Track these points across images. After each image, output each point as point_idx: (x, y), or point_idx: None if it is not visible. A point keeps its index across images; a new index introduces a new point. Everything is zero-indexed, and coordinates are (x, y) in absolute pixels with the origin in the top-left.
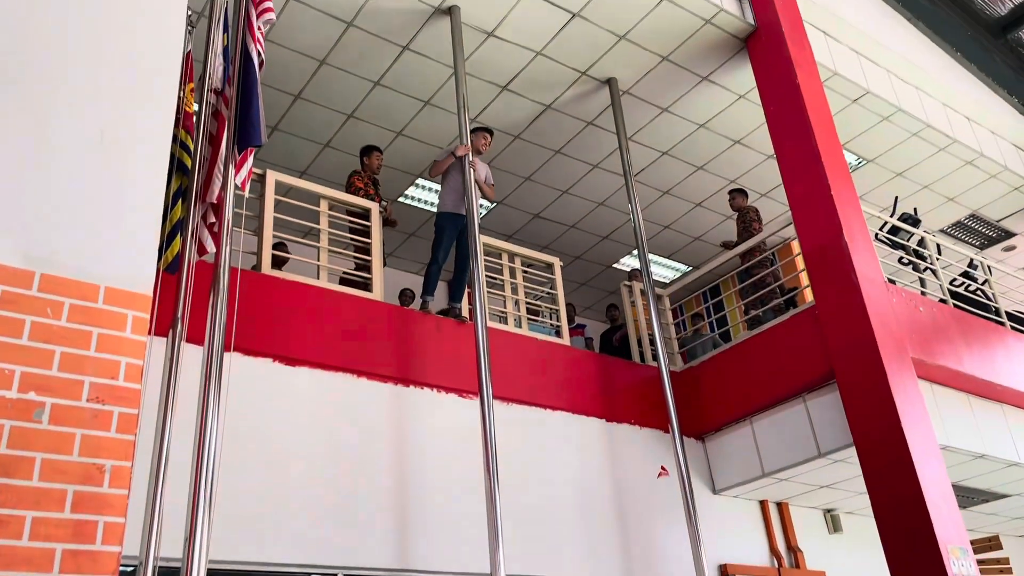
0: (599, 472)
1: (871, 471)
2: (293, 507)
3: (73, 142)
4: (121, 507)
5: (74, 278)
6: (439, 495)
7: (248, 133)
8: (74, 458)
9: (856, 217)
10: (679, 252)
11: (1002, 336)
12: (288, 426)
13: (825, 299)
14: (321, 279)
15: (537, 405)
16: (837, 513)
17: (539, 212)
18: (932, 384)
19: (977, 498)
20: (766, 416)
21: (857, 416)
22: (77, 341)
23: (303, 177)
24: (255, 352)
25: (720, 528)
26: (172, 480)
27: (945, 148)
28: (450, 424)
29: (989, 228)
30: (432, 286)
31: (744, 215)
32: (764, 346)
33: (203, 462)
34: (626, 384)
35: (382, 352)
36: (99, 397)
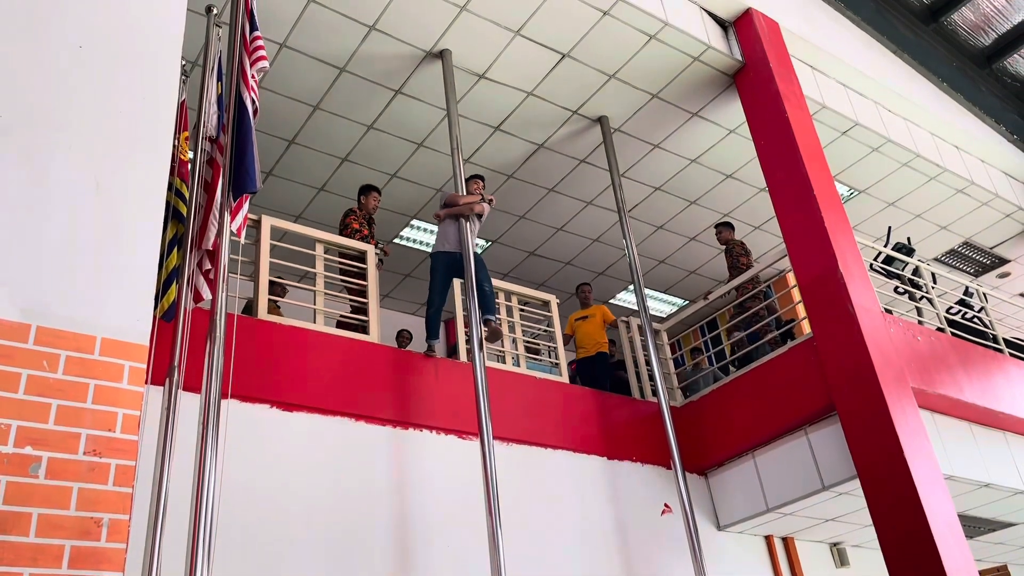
0: (601, 511)
1: (876, 503)
2: (293, 553)
3: (68, 192)
4: (119, 561)
5: (70, 330)
6: (440, 537)
7: (243, 180)
8: (71, 512)
9: (850, 248)
10: (675, 286)
11: (1001, 363)
12: (287, 472)
13: (823, 330)
14: (318, 323)
15: (537, 444)
16: (844, 546)
17: (534, 250)
18: (933, 413)
19: (984, 528)
20: (768, 450)
21: (859, 448)
22: (74, 394)
23: (298, 221)
24: (252, 398)
25: (726, 565)
26: (170, 529)
27: (936, 177)
28: (450, 466)
29: (983, 255)
30: (435, 330)
31: (731, 249)
32: (763, 379)
33: (201, 510)
34: (626, 421)
35: (380, 395)
36: (96, 450)
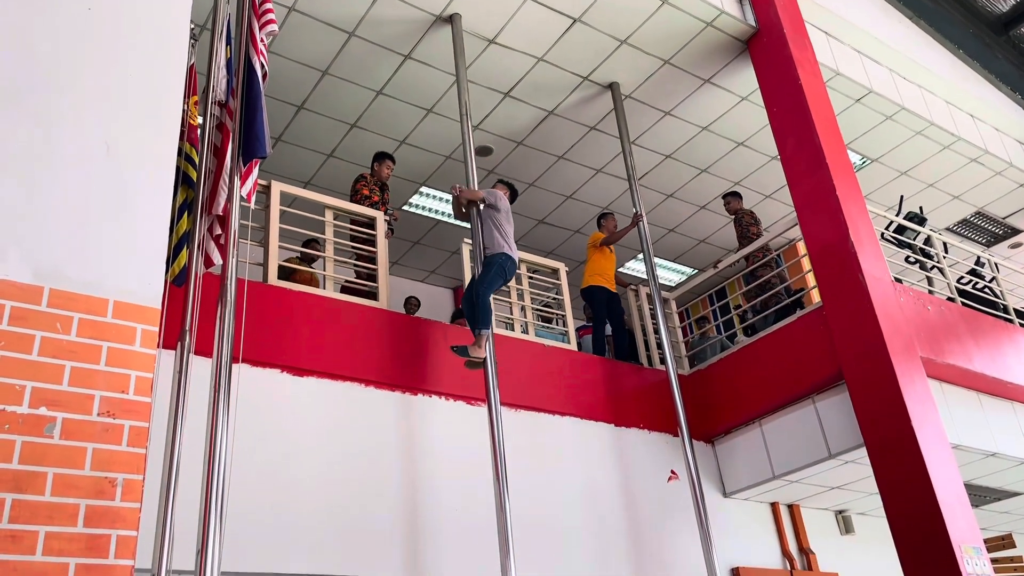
0: (608, 477)
1: (882, 471)
2: (303, 516)
3: (78, 155)
4: (133, 520)
5: (83, 293)
6: (448, 502)
7: (253, 144)
8: (86, 472)
9: (862, 217)
10: (684, 255)
11: (1011, 333)
12: (297, 436)
13: (832, 299)
14: (327, 289)
15: (545, 411)
16: (849, 514)
17: (543, 218)
18: (942, 383)
19: (990, 497)
20: (775, 418)
21: (867, 416)
22: (87, 356)
23: (307, 187)
24: (263, 363)
25: (731, 531)
26: (183, 492)
27: (949, 146)
28: (459, 431)
29: (995, 225)
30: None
31: (740, 218)
32: (772, 348)
33: (214, 473)
34: (634, 388)
35: (389, 360)
36: (110, 411)
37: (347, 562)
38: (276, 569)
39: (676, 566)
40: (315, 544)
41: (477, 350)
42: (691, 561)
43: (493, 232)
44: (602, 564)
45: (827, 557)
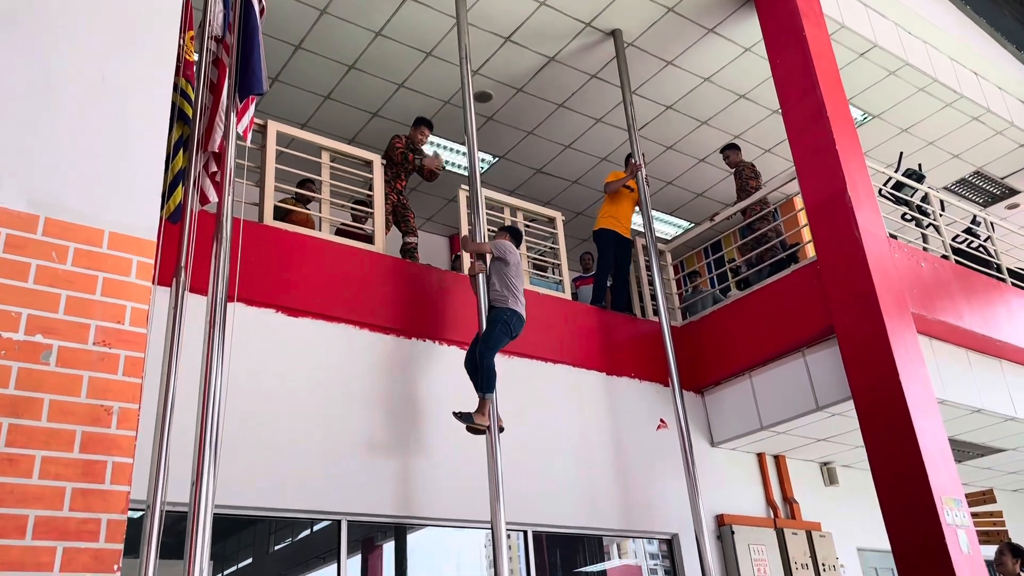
0: (599, 425)
1: (868, 424)
2: (297, 454)
3: (74, 86)
4: (129, 448)
5: (78, 223)
6: (441, 445)
7: (249, 81)
8: (82, 400)
9: (860, 172)
10: (681, 208)
11: (1003, 292)
12: (291, 375)
13: (827, 254)
14: (323, 231)
15: (538, 358)
16: (834, 466)
17: (541, 167)
18: (931, 339)
19: (973, 452)
20: (765, 370)
21: (856, 370)
22: (82, 285)
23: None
24: (258, 302)
25: (717, 480)
26: (178, 428)
27: (952, 104)
28: (452, 376)
29: (993, 185)
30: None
31: (740, 171)
32: (765, 301)
33: (208, 410)
34: (627, 338)
35: (385, 304)
36: (105, 341)
37: (340, 500)
38: (270, 504)
39: (663, 512)
40: (308, 482)
41: (481, 417)
42: (677, 507)
43: (501, 285)
44: (591, 510)
45: (810, 507)
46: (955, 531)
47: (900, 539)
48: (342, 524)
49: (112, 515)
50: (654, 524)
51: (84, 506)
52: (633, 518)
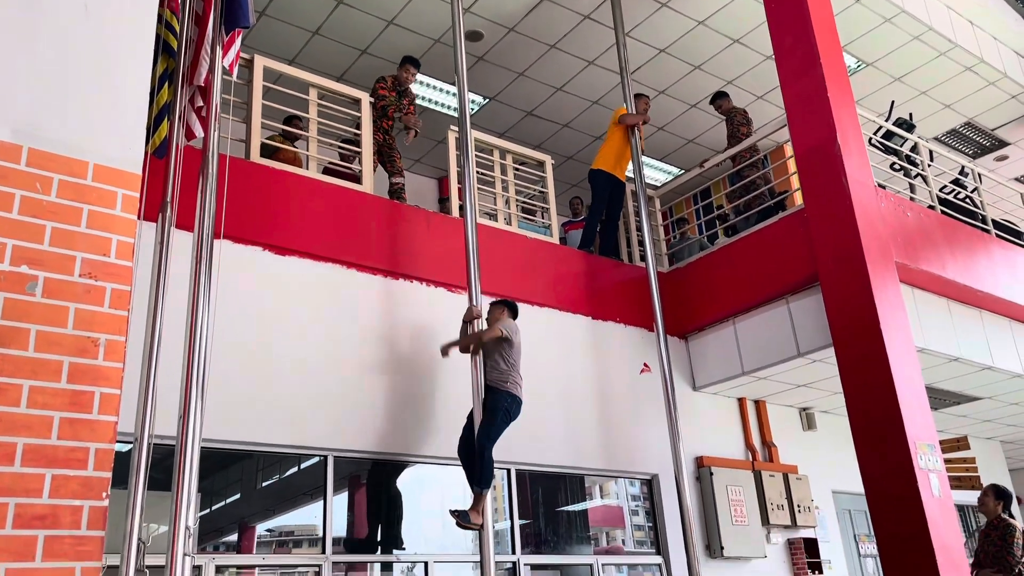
0: (583, 367)
1: (847, 370)
2: (284, 391)
3: (58, 15)
4: (116, 379)
5: (62, 154)
6: (426, 385)
7: (235, 13)
8: (68, 331)
9: (851, 121)
10: (672, 155)
11: (986, 244)
12: (279, 313)
13: (814, 202)
14: (311, 170)
15: (525, 302)
16: (812, 411)
17: (532, 110)
18: (913, 288)
19: (950, 400)
20: (749, 317)
21: (838, 317)
22: (67, 217)
23: (292, 65)
24: (245, 240)
25: (698, 423)
26: (165, 362)
27: (946, 53)
28: (439, 317)
29: (983, 137)
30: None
31: (732, 117)
32: (751, 248)
33: (195, 345)
34: (613, 283)
35: (372, 244)
36: (91, 273)
37: (325, 436)
38: (256, 439)
39: (644, 454)
40: (294, 417)
41: (476, 516)
42: (659, 450)
43: (501, 364)
44: (573, 450)
45: (788, 451)
46: (927, 475)
47: (873, 482)
48: (328, 460)
49: (100, 444)
50: (635, 465)
51: (72, 435)
52: (614, 458)
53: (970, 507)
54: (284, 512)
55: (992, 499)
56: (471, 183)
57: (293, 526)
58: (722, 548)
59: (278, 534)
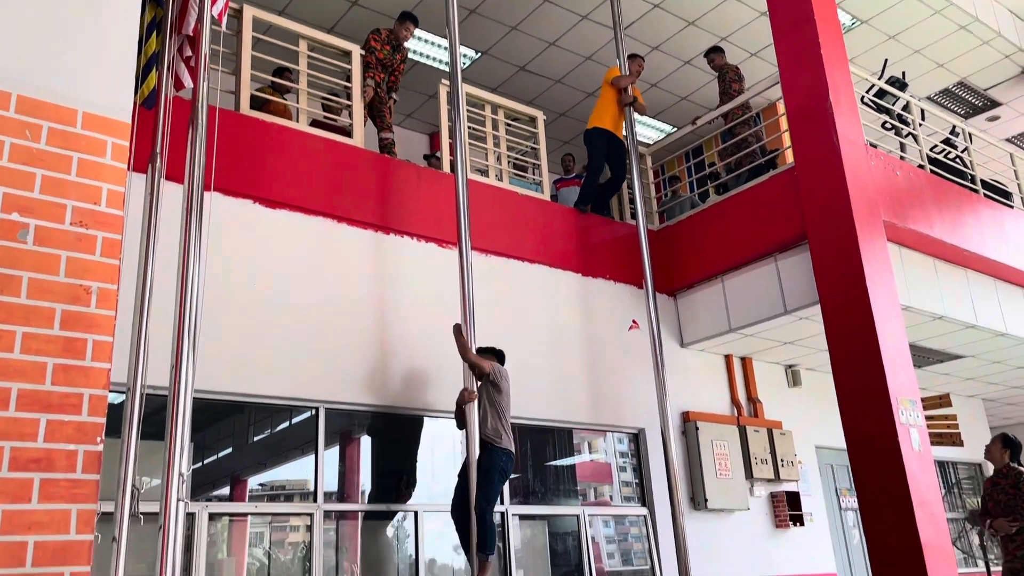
0: (573, 323)
1: (833, 327)
2: (274, 343)
3: None
4: (109, 327)
5: (51, 101)
6: (416, 338)
7: None
8: (61, 279)
9: (844, 78)
10: (665, 112)
11: (974, 204)
12: (269, 266)
13: (805, 160)
14: (301, 122)
15: (515, 257)
16: (798, 368)
17: (524, 65)
18: (901, 247)
19: (933, 358)
20: (737, 274)
21: (825, 275)
22: (58, 165)
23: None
24: (235, 192)
25: (685, 379)
26: (157, 314)
27: (941, 11)
28: (429, 272)
29: (976, 97)
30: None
31: (724, 74)
32: (741, 206)
33: (187, 296)
34: (604, 240)
35: (363, 198)
36: (82, 221)
37: (316, 388)
38: (247, 391)
39: (631, 409)
40: (286, 371)
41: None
42: (645, 405)
43: (491, 418)
44: (562, 404)
45: (773, 407)
46: (908, 430)
47: (855, 436)
48: (319, 412)
49: (94, 390)
50: (622, 419)
51: (66, 381)
52: (602, 413)
53: (950, 462)
54: (276, 466)
55: (999, 448)
56: (462, 138)
57: (285, 480)
58: (706, 500)
59: (270, 487)
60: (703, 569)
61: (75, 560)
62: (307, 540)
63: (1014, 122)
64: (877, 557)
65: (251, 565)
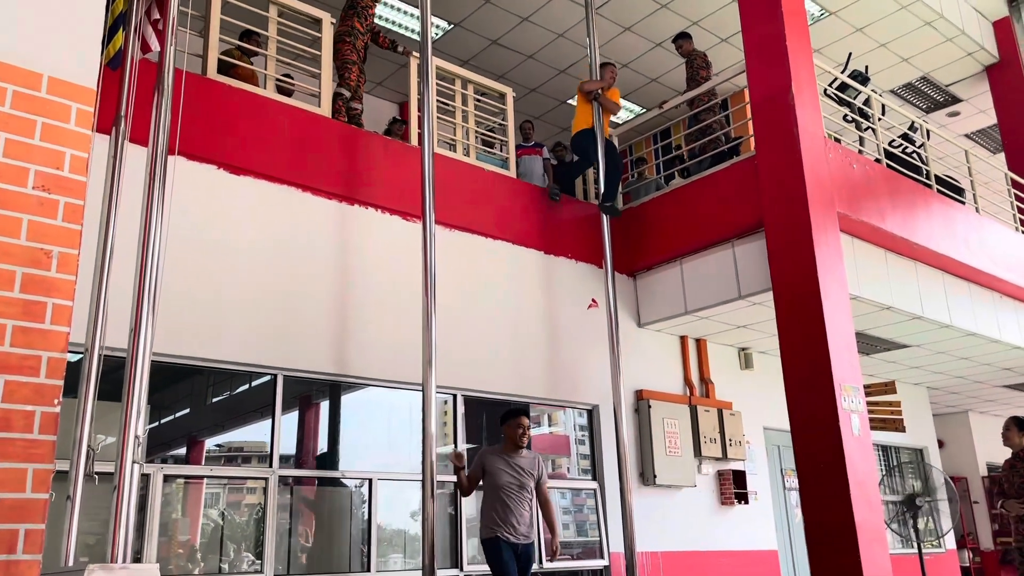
0: (533, 300)
1: (784, 313)
2: (235, 309)
3: None
4: (69, 291)
5: (15, 64)
6: (377, 310)
7: None
8: (21, 242)
9: (807, 70)
10: (634, 92)
11: (927, 198)
12: (232, 232)
13: (765, 149)
14: (268, 89)
15: (479, 233)
16: (750, 351)
17: (497, 38)
18: (853, 238)
19: (880, 347)
20: (696, 258)
21: (778, 262)
22: (21, 128)
23: None
24: (199, 157)
25: (640, 358)
26: (118, 276)
27: (907, 6)
28: (392, 244)
29: (938, 92)
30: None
31: (692, 60)
32: (702, 192)
33: (147, 259)
34: (567, 220)
35: (328, 168)
36: (45, 186)
37: (275, 355)
38: (207, 356)
39: (586, 385)
40: (245, 336)
41: None
42: (601, 382)
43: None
44: (519, 379)
45: (724, 388)
46: (849, 415)
47: (799, 418)
48: (278, 379)
49: (52, 353)
50: (577, 395)
51: (25, 343)
52: (558, 388)
53: (892, 447)
54: (233, 428)
55: (1016, 432)
56: (430, 111)
57: (242, 442)
58: (655, 476)
59: (227, 449)
60: (649, 542)
61: (30, 518)
62: (262, 503)
63: (973, 118)
64: (813, 535)
65: (205, 526)
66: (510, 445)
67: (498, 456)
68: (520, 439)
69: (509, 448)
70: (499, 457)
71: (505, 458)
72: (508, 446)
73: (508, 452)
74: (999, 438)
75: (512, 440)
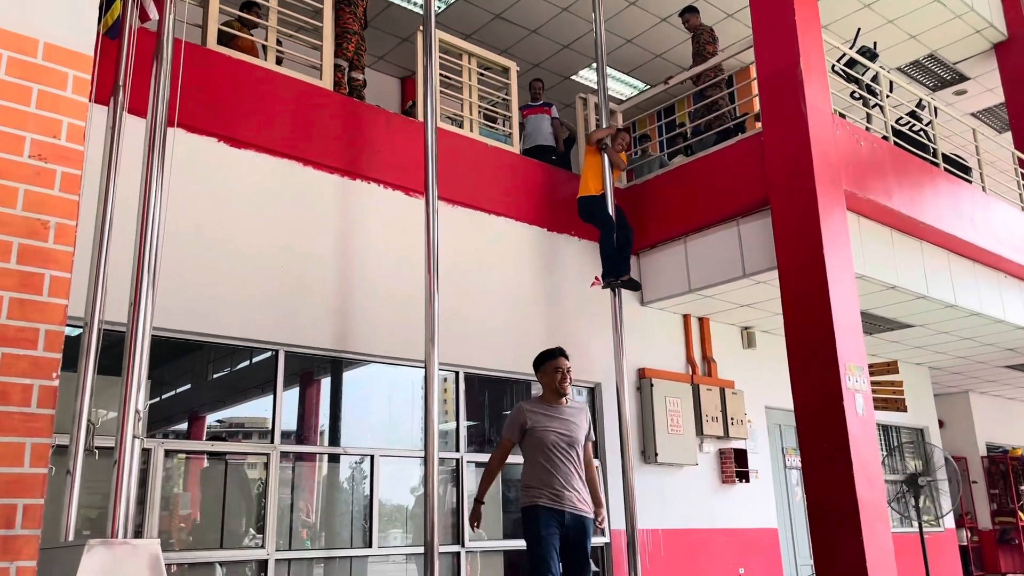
0: (535, 276)
1: (789, 292)
2: (236, 284)
3: None
4: (67, 263)
5: (10, 29)
6: (379, 286)
7: None
8: (18, 212)
9: (815, 46)
10: (639, 68)
11: (934, 177)
12: (233, 206)
13: (772, 126)
14: (268, 60)
15: (481, 209)
16: (753, 331)
17: (501, 12)
18: (859, 216)
19: (884, 326)
20: (700, 236)
21: (784, 241)
22: (17, 96)
23: None
24: (199, 129)
25: (643, 336)
26: (117, 250)
27: None
28: (394, 220)
29: (945, 70)
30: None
31: (698, 35)
32: (707, 169)
33: (147, 232)
34: (570, 196)
35: (330, 142)
36: (41, 155)
37: (276, 331)
38: (207, 331)
39: (589, 362)
40: (247, 312)
41: None
42: (603, 360)
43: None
44: (521, 356)
45: (727, 367)
46: (853, 395)
47: (803, 398)
48: (279, 355)
49: (50, 326)
50: (579, 373)
51: (22, 315)
52: None
53: (893, 426)
54: (234, 404)
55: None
56: (433, 86)
57: (243, 418)
58: (656, 454)
59: (228, 425)
60: (650, 520)
61: (28, 492)
62: (263, 478)
63: (980, 97)
64: (816, 513)
65: (206, 501)
66: (551, 393)
67: (539, 410)
68: (561, 384)
69: (551, 397)
70: (541, 411)
71: (548, 411)
72: (549, 395)
73: (551, 402)
74: (999, 419)
75: (551, 387)
